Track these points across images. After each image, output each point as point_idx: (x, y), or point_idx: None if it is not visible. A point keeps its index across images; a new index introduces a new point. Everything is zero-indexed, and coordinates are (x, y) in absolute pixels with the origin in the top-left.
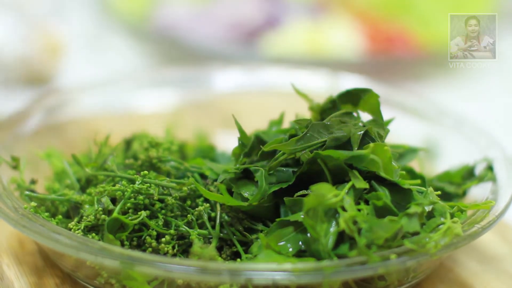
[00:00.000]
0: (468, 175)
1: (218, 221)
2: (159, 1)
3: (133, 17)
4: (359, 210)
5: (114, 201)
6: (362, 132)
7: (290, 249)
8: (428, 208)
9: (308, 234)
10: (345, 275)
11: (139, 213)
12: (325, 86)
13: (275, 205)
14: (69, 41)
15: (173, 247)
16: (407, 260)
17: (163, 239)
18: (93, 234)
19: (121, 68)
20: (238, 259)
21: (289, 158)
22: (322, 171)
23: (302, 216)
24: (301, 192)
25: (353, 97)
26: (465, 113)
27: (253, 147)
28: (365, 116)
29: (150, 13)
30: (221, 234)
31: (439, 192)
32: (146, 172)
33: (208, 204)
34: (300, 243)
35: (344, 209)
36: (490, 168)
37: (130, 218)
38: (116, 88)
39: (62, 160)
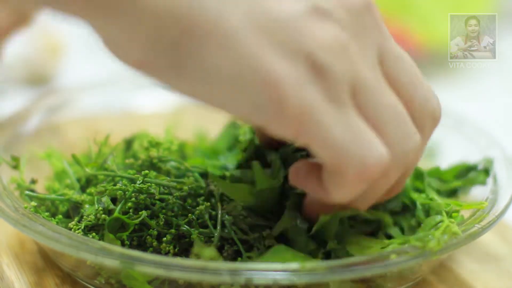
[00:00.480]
0: (461, 175)
1: (219, 220)
2: None
3: None
4: None
5: (113, 201)
6: None
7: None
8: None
9: None
10: (346, 275)
11: (140, 212)
12: None
13: (282, 192)
14: (69, 41)
15: (174, 247)
16: (408, 260)
17: (164, 239)
18: (93, 234)
19: (121, 68)
20: (239, 258)
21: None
22: None
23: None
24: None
25: None
26: (465, 113)
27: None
28: None
29: None
30: (222, 233)
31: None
32: (147, 171)
33: (208, 203)
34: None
35: None
36: (486, 171)
37: (131, 218)
38: (116, 88)
39: (62, 160)
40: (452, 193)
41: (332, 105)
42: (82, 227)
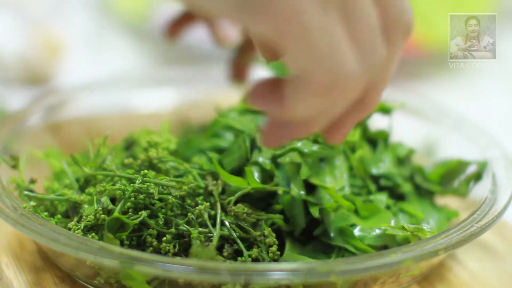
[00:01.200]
0: (447, 178)
1: (218, 219)
2: (159, 1)
3: (133, 17)
4: None
5: (113, 200)
6: None
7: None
8: None
9: None
10: (345, 274)
11: (139, 213)
12: None
13: None
14: (69, 41)
15: (174, 246)
16: (410, 257)
17: (164, 238)
18: (93, 234)
19: (121, 68)
20: (239, 258)
21: None
22: None
23: None
24: None
25: None
26: (465, 113)
27: None
28: None
29: (150, 13)
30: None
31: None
32: (146, 171)
33: (208, 203)
34: None
35: None
36: (467, 182)
37: (130, 217)
38: (116, 88)
39: (61, 160)
40: (430, 192)
41: (319, 9)
42: (82, 227)
